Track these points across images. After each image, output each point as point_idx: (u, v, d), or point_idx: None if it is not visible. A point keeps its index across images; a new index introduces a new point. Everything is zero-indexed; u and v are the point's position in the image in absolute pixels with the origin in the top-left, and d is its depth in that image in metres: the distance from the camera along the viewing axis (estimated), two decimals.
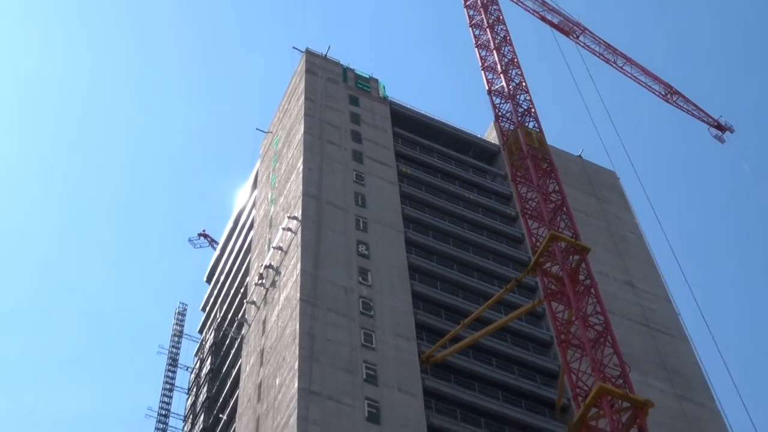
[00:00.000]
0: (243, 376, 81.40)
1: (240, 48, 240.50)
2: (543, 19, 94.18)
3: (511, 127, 77.58)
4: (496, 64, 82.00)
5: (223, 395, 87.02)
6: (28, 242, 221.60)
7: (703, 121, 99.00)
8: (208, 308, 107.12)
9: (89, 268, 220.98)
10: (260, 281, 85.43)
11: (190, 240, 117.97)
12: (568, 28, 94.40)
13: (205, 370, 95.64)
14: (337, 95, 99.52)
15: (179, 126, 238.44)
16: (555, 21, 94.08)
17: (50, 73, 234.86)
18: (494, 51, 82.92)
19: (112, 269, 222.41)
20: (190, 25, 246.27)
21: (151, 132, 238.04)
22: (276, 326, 77.65)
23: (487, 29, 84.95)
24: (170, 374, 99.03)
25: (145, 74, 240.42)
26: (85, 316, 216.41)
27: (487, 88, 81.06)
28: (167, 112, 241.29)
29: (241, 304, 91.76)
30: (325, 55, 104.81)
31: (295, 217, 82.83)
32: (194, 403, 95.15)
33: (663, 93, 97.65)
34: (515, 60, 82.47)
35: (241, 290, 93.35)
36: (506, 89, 79.53)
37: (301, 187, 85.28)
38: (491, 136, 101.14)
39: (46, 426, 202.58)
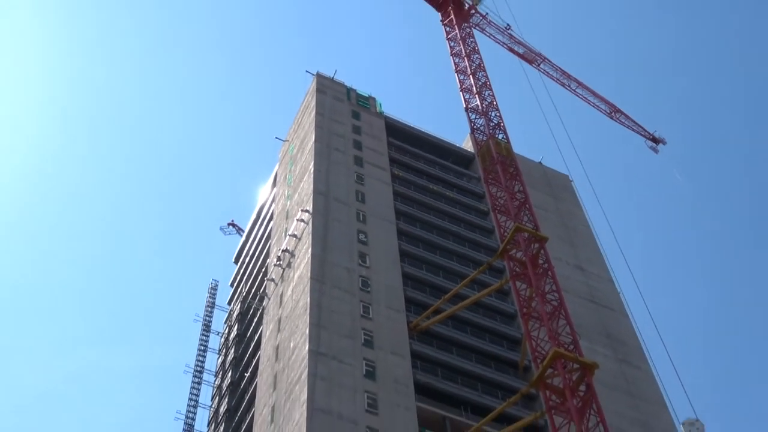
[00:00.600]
0: (263, 340, 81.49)
1: (266, 70, 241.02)
2: (511, 50, 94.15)
3: (484, 138, 77.55)
4: (472, 86, 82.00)
5: (247, 355, 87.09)
6: (93, 228, 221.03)
7: (641, 134, 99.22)
8: (235, 284, 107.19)
9: (140, 251, 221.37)
10: (278, 263, 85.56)
11: (221, 228, 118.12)
12: (531, 57, 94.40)
13: (232, 335, 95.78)
14: (341, 111, 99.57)
15: (213, 134, 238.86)
16: (520, 51, 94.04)
17: (106, 78, 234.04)
18: (470, 75, 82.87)
19: (158, 252, 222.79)
20: (227, 54, 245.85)
21: (189, 138, 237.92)
22: (291, 299, 77.82)
23: (465, 58, 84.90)
24: (204, 338, 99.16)
25: (188, 93, 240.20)
26: (136, 290, 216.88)
27: (464, 105, 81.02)
28: (203, 123, 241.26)
29: (262, 281, 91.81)
30: (333, 78, 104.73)
31: (307, 211, 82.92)
32: (223, 362, 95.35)
33: (608, 111, 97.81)
34: (488, 83, 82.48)
35: (263, 270, 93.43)
36: (480, 107, 79.54)
37: (312, 186, 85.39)
38: (468, 145, 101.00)
39: (107, 377, 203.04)
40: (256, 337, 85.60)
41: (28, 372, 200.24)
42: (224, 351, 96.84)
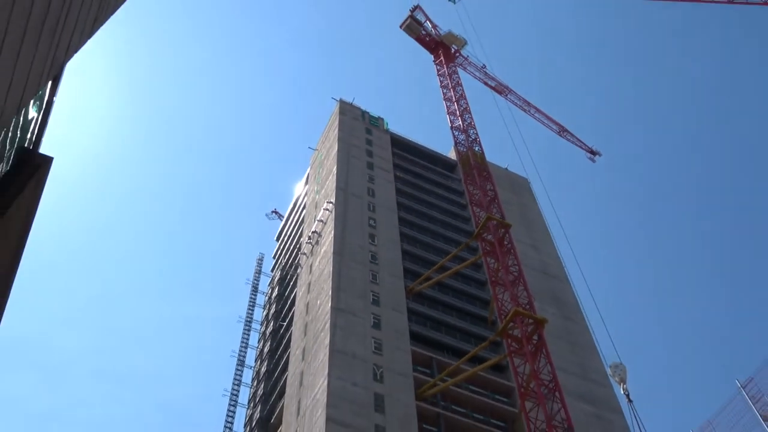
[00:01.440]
0: (297, 299, 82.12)
1: (304, 97, 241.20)
2: (485, 83, 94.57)
3: (464, 150, 78.13)
4: (455, 110, 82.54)
5: (285, 310, 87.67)
6: (175, 214, 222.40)
7: (582, 148, 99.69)
8: (276, 257, 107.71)
9: (209, 231, 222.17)
10: (309, 241, 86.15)
11: (266, 215, 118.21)
12: (500, 89, 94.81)
13: (274, 295, 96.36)
14: (358, 128, 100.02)
15: (265, 145, 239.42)
16: (493, 85, 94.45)
17: (180, 108, 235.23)
18: (455, 102, 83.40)
19: (221, 232, 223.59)
20: (277, 85, 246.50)
21: (247, 148, 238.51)
22: (318, 268, 78.45)
23: (451, 89, 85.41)
24: (253, 297, 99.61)
25: (245, 116, 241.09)
26: (205, 260, 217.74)
27: (450, 125, 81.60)
28: (257, 137, 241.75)
29: (296, 254, 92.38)
30: (351, 103, 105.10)
31: (331, 202, 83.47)
32: (267, 314, 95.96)
33: (558, 130, 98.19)
34: (467, 108, 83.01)
35: (297, 246, 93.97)
36: (462, 126, 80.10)
37: (335, 184, 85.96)
38: (452, 154, 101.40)
39: (179, 325, 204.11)
40: (291, 296, 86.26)
41: (128, 315, 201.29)
42: (268, 306, 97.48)
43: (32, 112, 10.11)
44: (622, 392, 42.40)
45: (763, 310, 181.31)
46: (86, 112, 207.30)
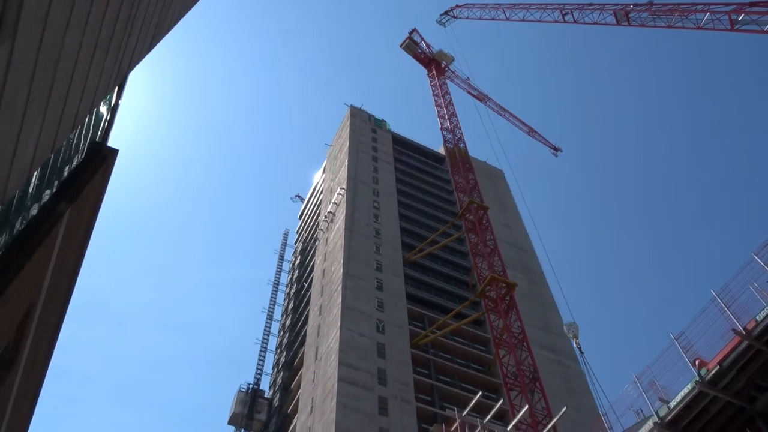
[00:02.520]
0: (316, 266, 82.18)
1: (323, 104, 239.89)
2: (469, 93, 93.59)
3: (451, 146, 77.76)
4: (445, 115, 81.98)
5: (305, 274, 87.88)
6: (219, 197, 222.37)
7: (547, 145, 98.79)
8: (298, 232, 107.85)
9: (244, 212, 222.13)
10: (325, 219, 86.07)
11: (291, 198, 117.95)
12: (481, 97, 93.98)
13: (296, 262, 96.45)
14: (365, 128, 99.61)
15: (292, 142, 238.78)
16: (475, 93, 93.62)
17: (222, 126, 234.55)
18: (444, 108, 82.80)
19: (255, 212, 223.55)
20: (304, 94, 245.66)
21: (277, 145, 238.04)
22: (332, 241, 78.42)
23: (441, 97, 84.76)
24: (279, 264, 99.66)
25: (274, 118, 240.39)
26: (240, 233, 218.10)
27: (440, 126, 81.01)
28: (287, 135, 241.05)
29: (315, 230, 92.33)
30: (360, 108, 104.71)
31: (343, 188, 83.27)
32: (291, 278, 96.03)
33: (528, 131, 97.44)
34: (454, 113, 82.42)
35: (316, 223, 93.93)
36: (449, 127, 79.59)
37: (346, 173, 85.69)
38: (441, 150, 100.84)
39: (222, 286, 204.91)
40: (311, 264, 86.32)
41: (183, 278, 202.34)
42: (291, 272, 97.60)
43: (101, 112, 10.03)
44: (575, 345, 42.43)
45: (696, 279, 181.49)
46: (147, 113, 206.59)
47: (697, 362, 21.06)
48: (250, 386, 78.01)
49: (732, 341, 19.30)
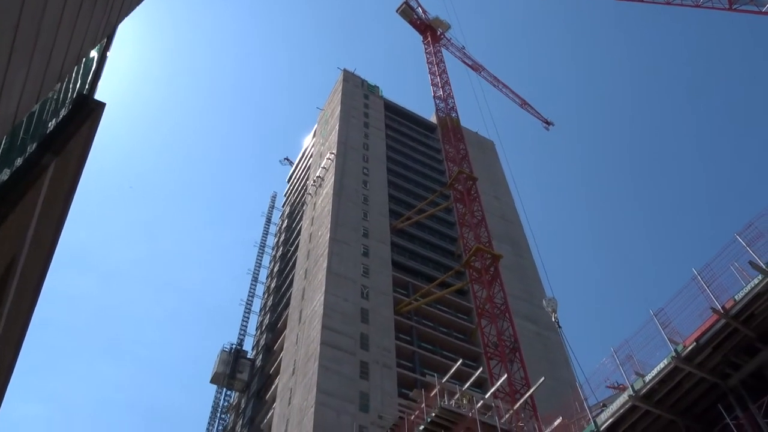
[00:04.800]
0: (303, 230, 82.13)
1: (317, 67, 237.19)
2: (464, 62, 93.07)
3: (443, 115, 77.57)
4: (438, 83, 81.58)
5: (292, 238, 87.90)
6: (210, 157, 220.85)
7: (539, 118, 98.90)
8: (287, 195, 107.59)
9: (233, 173, 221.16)
10: (314, 184, 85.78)
11: (280, 161, 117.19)
12: (475, 67, 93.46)
13: (284, 225, 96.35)
14: (357, 93, 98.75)
15: (281, 105, 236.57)
16: (469, 63, 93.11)
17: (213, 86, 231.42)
18: (438, 76, 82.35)
19: (245, 175, 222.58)
20: (295, 57, 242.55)
21: (267, 108, 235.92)
22: (320, 206, 78.33)
23: (435, 65, 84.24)
24: (266, 227, 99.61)
25: (264, 81, 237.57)
26: (230, 196, 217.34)
27: (432, 95, 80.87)
28: (277, 99, 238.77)
29: (303, 194, 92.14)
30: (353, 72, 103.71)
31: (333, 153, 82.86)
32: (278, 241, 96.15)
33: (520, 103, 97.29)
34: (448, 82, 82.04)
35: (304, 187, 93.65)
36: (442, 96, 79.30)
37: (337, 138, 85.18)
38: (433, 119, 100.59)
39: (209, 245, 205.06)
40: (298, 228, 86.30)
41: (172, 236, 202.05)
42: (278, 235, 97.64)
43: (89, 64, 9.88)
44: (553, 320, 43.10)
45: (682, 257, 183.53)
46: (136, 68, 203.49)
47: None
48: (233, 346, 78.65)
49: (710, 319, 19.63)
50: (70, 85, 9.90)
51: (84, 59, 9.35)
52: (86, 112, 9.06)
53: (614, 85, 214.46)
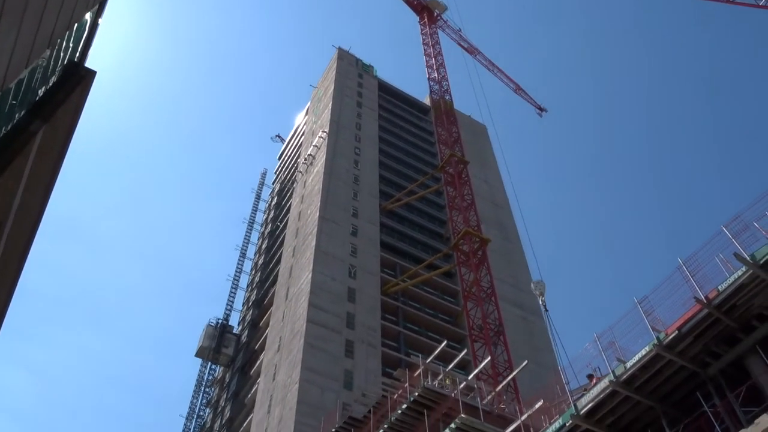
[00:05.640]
0: (292, 207, 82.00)
1: (309, 45, 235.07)
2: (459, 45, 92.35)
3: (437, 98, 77.18)
4: (433, 65, 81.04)
5: (281, 215, 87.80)
6: (202, 129, 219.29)
7: (532, 104, 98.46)
8: (277, 172, 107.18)
9: (224, 148, 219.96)
10: (305, 162, 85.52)
11: (271, 138, 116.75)
12: (471, 50, 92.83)
13: (273, 203, 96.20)
14: (351, 72, 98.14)
15: (273, 83, 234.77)
16: (465, 46, 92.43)
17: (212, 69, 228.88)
18: (433, 58, 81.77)
19: (233, 148, 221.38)
20: (288, 37, 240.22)
21: (259, 84, 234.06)
22: (310, 185, 78.15)
23: (431, 46, 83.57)
24: (255, 203, 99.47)
25: (260, 59, 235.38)
26: (220, 169, 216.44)
27: (427, 76, 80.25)
28: (270, 75, 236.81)
29: (293, 172, 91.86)
30: (348, 51, 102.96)
31: (325, 132, 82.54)
32: (266, 218, 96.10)
33: (514, 88, 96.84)
34: (443, 64, 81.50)
35: (295, 165, 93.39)
36: (437, 78, 78.81)
37: (329, 116, 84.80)
38: (427, 101, 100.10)
39: (187, 218, 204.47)
40: (287, 205, 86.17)
41: (161, 208, 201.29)
42: (267, 212, 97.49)
43: (81, 32, 9.72)
44: (540, 303, 43.40)
45: (669, 247, 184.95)
46: (128, 38, 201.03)
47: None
48: (219, 321, 78.80)
49: (693, 309, 19.83)
50: (61, 53, 9.75)
51: (75, 25, 9.20)
52: (77, 79, 8.94)
53: (609, 73, 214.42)
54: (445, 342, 35.35)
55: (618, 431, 21.34)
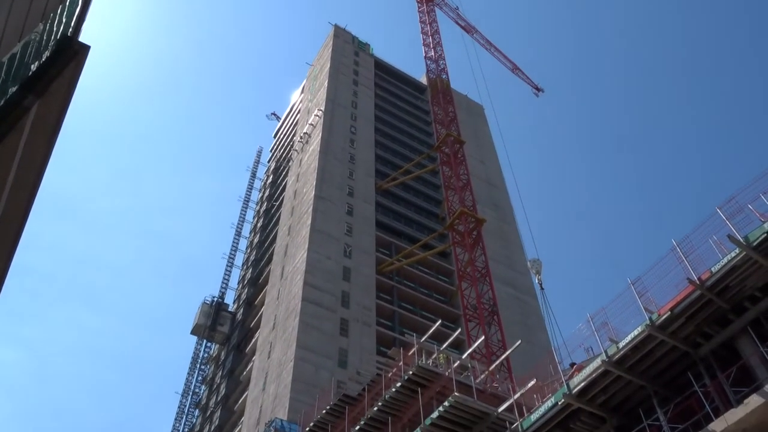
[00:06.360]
0: (288, 186, 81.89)
1: (305, 21, 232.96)
2: (457, 23, 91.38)
3: (434, 77, 76.63)
4: (430, 43, 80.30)
5: (276, 194, 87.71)
6: (199, 108, 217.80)
7: (529, 84, 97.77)
8: (272, 150, 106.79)
9: (221, 126, 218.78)
10: (300, 140, 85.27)
11: (267, 116, 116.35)
12: (468, 29, 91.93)
13: (269, 180, 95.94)
14: (348, 50, 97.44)
15: (268, 60, 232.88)
16: (463, 24, 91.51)
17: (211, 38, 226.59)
18: (430, 36, 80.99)
19: (231, 127, 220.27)
20: (282, 14, 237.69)
21: (254, 62, 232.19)
22: (306, 163, 77.96)
23: (428, 24, 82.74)
24: (251, 181, 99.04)
25: (256, 37, 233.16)
26: (216, 147, 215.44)
27: (424, 55, 79.44)
28: (264, 52, 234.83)
29: (289, 150, 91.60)
30: (344, 28, 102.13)
31: (321, 110, 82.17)
32: (262, 196, 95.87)
33: (511, 68, 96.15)
34: (440, 42, 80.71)
35: (291, 143, 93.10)
36: (434, 57, 78.15)
37: (325, 95, 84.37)
38: (423, 79, 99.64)
39: (182, 196, 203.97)
40: (283, 184, 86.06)
41: (156, 185, 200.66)
42: (263, 190, 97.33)
43: (73, 5, 9.61)
44: (537, 281, 43.52)
45: (666, 228, 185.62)
46: (125, 12, 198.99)
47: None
48: (215, 299, 78.98)
49: (685, 290, 19.95)
50: (54, 26, 9.64)
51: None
52: (70, 54, 8.84)
53: (605, 52, 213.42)
54: (439, 321, 35.50)
55: (609, 410, 21.58)
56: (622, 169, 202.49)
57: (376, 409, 29.42)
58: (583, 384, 21.33)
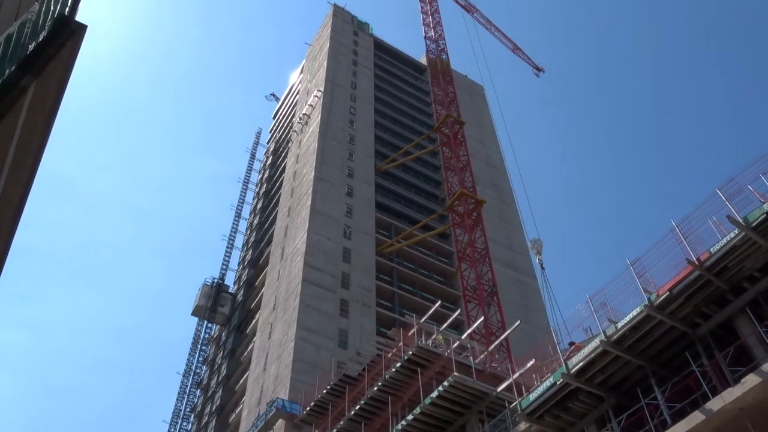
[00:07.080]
0: (287, 167, 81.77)
1: (303, 1, 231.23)
2: (456, 1, 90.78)
3: (434, 57, 76.16)
4: (430, 23, 79.70)
5: (276, 175, 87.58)
6: (197, 87, 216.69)
7: (530, 64, 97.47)
8: (272, 132, 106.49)
9: (219, 107, 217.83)
10: (300, 121, 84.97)
11: (266, 97, 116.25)
12: (469, 8, 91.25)
13: (268, 162, 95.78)
14: (347, 30, 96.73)
15: (268, 39, 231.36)
16: (463, 3, 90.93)
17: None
18: (430, 16, 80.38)
19: (231, 107, 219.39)
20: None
21: (255, 43, 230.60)
22: (305, 144, 77.77)
23: (428, 4, 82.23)
24: (250, 162, 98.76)
25: (257, 18, 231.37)
26: (215, 126, 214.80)
27: (424, 35, 79.02)
28: (264, 33, 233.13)
29: (288, 131, 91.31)
30: (344, 8, 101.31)
31: (320, 91, 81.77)
32: (261, 178, 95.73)
33: (512, 48, 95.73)
34: (440, 22, 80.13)
35: (290, 124, 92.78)
36: (433, 37, 77.64)
37: (324, 75, 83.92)
38: (423, 60, 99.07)
39: (182, 177, 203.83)
40: (282, 165, 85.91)
41: (155, 166, 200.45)
42: (262, 171, 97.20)
43: None
44: (537, 261, 43.62)
45: (666, 208, 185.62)
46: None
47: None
48: (215, 280, 79.22)
49: (684, 270, 19.98)
50: (51, 5, 9.55)
51: None
52: (67, 33, 8.76)
53: (605, 33, 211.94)
54: (439, 302, 35.62)
55: (607, 390, 21.74)
56: (622, 149, 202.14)
57: (376, 389, 29.65)
58: (581, 364, 21.46)
